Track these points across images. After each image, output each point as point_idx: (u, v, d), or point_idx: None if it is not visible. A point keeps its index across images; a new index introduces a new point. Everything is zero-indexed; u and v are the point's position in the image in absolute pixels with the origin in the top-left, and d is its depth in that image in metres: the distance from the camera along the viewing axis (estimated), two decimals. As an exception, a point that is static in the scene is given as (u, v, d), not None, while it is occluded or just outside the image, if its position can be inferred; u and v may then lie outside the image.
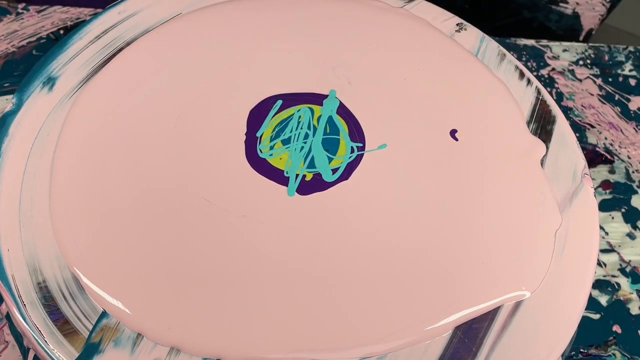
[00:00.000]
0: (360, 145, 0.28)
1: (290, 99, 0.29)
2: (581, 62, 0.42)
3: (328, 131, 0.28)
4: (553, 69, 0.41)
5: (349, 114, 0.29)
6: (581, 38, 0.48)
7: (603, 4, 0.47)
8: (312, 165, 0.27)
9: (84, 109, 0.27)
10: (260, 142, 0.27)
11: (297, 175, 0.26)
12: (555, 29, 0.47)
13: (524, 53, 0.42)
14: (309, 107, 0.29)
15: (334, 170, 0.27)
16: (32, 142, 0.26)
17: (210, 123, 0.28)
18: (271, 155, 0.27)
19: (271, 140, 0.27)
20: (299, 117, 0.28)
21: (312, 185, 0.26)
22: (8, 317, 0.24)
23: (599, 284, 0.33)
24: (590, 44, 0.43)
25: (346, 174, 0.27)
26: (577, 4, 0.48)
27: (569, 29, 0.47)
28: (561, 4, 0.47)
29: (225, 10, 0.32)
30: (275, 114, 0.28)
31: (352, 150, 0.28)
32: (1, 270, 0.23)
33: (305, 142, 0.28)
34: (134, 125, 0.27)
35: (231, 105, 0.28)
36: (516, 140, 0.29)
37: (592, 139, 0.38)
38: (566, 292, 0.24)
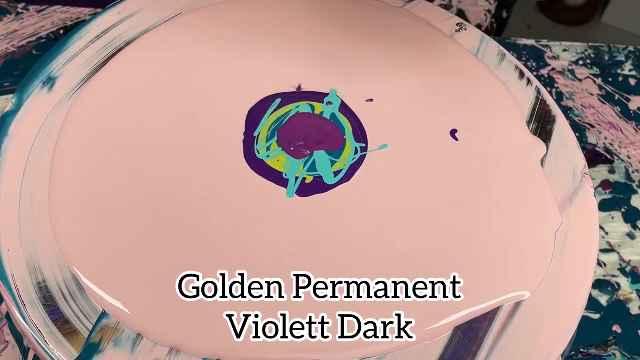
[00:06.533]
0: (364, 145, 0.27)
1: (290, 98, 0.29)
2: (581, 62, 0.42)
3: (328, 131, 0.28)
4: (553, 69, 0.41)
5: (351, 113, 0.28)
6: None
7: (486, -1, 0.47)
8: (312, 169, 0.27)
9: (84, 109, 0.27)
10: (257, 143, 0.27)
11: (296, 178, 0.26)
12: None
13: (524, 53, 0.42)
14: (310, 104, 0.28)
15: (336, 173, 0.26)
16: (32, 142, 0.26)
17: (209, 123, 0.27)
18: (268, 156, 0.27)
19: (267, 140, 0.27)
20: (299, 117, 0.28)
21: (312, 187, 0.26)
22: (8, 317, 0.24)
23: (599, 284, 0.33)
24: (590, 44, 0.43)
25: (348, 176, 0.26)
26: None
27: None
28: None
29: (225, 10, 0.32)
30: (273, 112, 0.28)
31: (356, 152, 0.27)
32: (1, 270, 0.23)
33: (305, 142, 0.27)
34: (134, 125, 0.27)
35: (230, 105, 0.28)
36: (516, 140, 0.29)
37: (592, 139, 0.38)
38: (566, 292, 0.24)
